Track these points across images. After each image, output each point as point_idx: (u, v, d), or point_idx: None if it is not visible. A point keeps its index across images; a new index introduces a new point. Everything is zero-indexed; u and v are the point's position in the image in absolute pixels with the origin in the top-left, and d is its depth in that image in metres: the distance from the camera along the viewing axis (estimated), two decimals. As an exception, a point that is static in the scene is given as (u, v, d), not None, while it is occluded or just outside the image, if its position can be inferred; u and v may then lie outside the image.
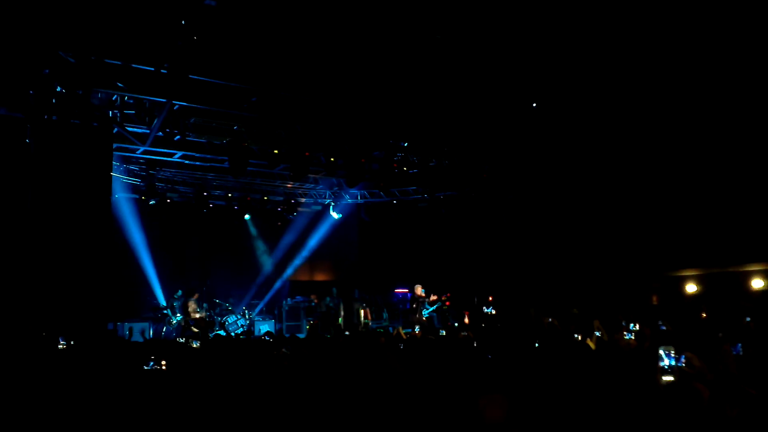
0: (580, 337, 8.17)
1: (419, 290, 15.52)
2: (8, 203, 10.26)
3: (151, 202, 15.80)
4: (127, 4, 8.65)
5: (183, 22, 8.88)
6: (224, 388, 4.83)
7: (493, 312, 16.14)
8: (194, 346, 8.95)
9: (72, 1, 8.62)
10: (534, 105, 12.46)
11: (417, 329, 10.86)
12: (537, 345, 7.68)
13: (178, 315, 15.30)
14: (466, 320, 15.12)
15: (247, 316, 16.58)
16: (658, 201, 14.43)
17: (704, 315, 12.79)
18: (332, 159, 14.00)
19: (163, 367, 5.13)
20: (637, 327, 8.92)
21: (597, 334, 8.70)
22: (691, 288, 14.74)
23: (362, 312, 18.16)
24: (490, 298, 18.05)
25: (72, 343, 7.85)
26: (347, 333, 10.84)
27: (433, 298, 15.78)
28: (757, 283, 13.42)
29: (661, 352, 3.12)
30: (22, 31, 9.08)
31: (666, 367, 3.14)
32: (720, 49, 10.40)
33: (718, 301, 13.62)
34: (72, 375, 5.58)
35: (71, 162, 10.36)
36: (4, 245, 10.12)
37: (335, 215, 20.08)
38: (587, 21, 9.40)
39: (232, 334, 14.82)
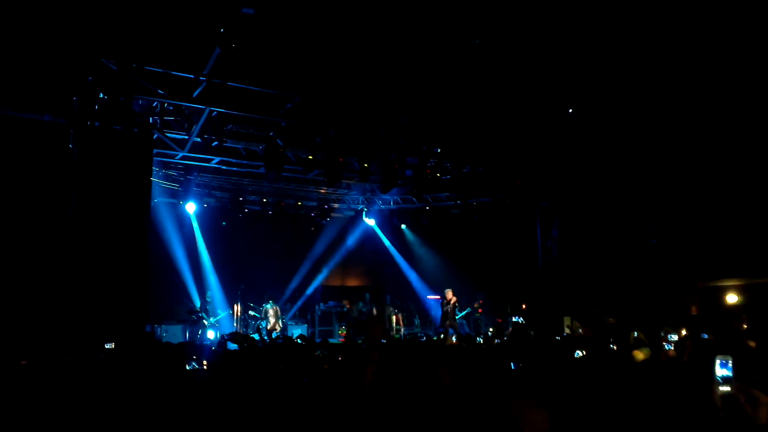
0: (616, 348, 8.00)
1: (450, 294, 15.43)
2: (52, 207, 10.53)
3: (188, 207, 16.02)
4: (168, 12, 8.82)
5: (221, 30, 9.01)
6: (262, 390, 4.86)
7: (524, 321, 15.96)
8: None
9: (114, 9, 8.82)
10: (570, 111, 12.31)
11: (452, 336, 10.72)
12: (577, 355, 7.54)
13: (212, 317, 15.52)
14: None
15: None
16: (698, 209, 14.13)
17: (745, 326, 12.47)
18: (365, 165, 14.06)
19: (204, 367, 5.18)
20: (676, 338, 8.70)
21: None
22: (731, 298, 14.39)
23: (394, 318, 18.13)
24: (524, 306, 17.88)
25: (114, 345, 7.97)
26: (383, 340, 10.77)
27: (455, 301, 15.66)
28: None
29: (717, 361, 3.04)
30: (66, 39, 9.33)
31: (722, 377, 3.06)
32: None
33: (759, 311, 13.26)
34: (114, 375, 5.67)
35: (112, 167, 10.58)
36: (47, 249, 10.39)
37: (368, 221, 20.13)
38: (631, 28, 9.27)
39: (266, 337, 14.94)
